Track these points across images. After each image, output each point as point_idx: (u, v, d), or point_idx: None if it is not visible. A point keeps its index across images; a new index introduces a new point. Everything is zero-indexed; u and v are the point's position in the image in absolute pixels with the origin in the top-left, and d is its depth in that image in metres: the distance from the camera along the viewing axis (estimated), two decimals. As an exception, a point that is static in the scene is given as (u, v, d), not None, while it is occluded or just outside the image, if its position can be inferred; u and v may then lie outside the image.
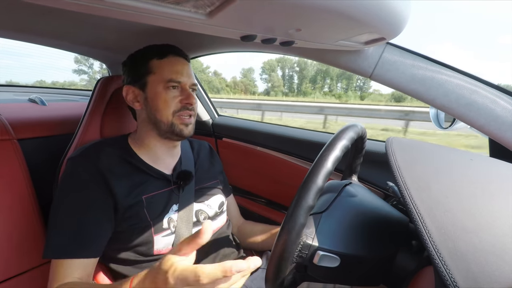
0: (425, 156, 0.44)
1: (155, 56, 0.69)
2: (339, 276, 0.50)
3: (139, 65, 0.70)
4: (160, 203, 0.69)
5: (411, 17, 0.44)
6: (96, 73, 34.67)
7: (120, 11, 0.30)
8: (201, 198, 0.77)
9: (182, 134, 0.70)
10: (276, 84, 68.07)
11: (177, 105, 0.68)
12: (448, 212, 0.32)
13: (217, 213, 0.79)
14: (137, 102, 0.71)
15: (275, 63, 69.95)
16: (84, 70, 44.73)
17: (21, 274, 0.71)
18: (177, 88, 0.69)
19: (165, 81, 0.67)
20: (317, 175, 0.42)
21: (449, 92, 0.53)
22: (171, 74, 0.68)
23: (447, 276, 0.28)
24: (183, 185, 0.74)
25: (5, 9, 0.62)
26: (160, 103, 0.68)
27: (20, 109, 1.01)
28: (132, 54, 0.74)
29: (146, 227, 0.65)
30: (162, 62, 0.69)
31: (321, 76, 68.86)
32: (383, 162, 0.82)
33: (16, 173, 0.72)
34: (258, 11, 0.33)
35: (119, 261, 0.66)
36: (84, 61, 38.53)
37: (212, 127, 1.27)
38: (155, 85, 0.68)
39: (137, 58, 0.71)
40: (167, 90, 0.68)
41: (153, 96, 0.68)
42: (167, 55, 0.69)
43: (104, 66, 1.20)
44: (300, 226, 0.41)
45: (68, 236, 0.59)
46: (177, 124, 0.69)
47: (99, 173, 0.63)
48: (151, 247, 0.65)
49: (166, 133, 0.70)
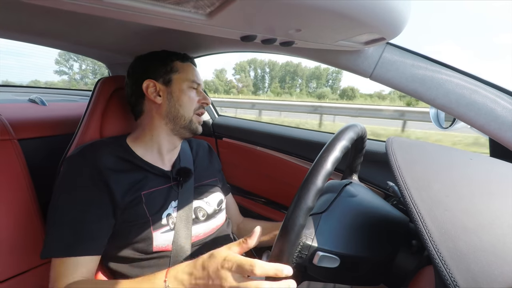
0: (425, 156, 0.44)
1: (178, 58, 0.76)
2: (339, 276, 0.50)
3: (164, 63, 0.75)
4: (159, 200, 0.69)
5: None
6: (75, 74, 35.15)
7: (120, 12, 0.30)
8: (200, 196, 0.78)
9: (197, 131, 0.77)
10: (245, 84, 75.30)
11: (196, 104, 0.76)
12: (448, 212, 0.32)
13: (215, 211, 0.79)
14: (159, 96, 0.74)
15: (246, 64, 78.07)
16: (64, 71, 45.21)
17: (21, 274, 0.71)
18: (195, 90, 0.77)
19: (190, 81, 0.75)
20: (317, 176, 0.42)
21: (449, 92, 0.53)
22: (194, 76, 0.76)
23: (447, 276, 0.28)
24: (183, 181, 0.75)
25: (5, 9, 0.62)
26: (185, 99, 0.74)
27: (20, 109, 1.01)
28: (152, 52, 0.78)
29: (145, 224, 0.65)
30: (185, 65, 0.76)
31: (290, 76, 76.48)
32: (383, 162, 0.83)
33: (16, 173, 0.72)
34: (258, 12, 0.33)
35: (118, 259, 0.66)
36: (64, 62, 38.79)
37: (212, 127, 1.27)
38: (180, 82, 0.74)
39: (161, 56, 0.76)
40: (190, 89, 0.75)
41: (179, 92, 0.74)
42: (188, 60, 0.78)
43: (84, 67, 1.20)
44: (300, 227, 0.41)
45: (67, 234, 0.59)
46: (195, 121, 0.76)
47: (97, 171, 0.64)
48: (150, 244, 0.65)
49: (182, 128, 0.75)
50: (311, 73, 78.36)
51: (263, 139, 1.10)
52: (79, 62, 35.63)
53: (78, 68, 34.95)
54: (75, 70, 37.11)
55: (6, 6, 0.61)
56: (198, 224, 0.73)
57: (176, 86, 0.74)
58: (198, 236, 0.72)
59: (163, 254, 0.66)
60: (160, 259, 0.66)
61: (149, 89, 0.73)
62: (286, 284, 0.42)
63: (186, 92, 0.74)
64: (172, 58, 0.76)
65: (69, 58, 34.21)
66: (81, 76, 33.55)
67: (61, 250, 0.59)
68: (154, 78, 0.74)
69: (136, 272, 0.65)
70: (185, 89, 0.74)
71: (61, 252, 0.59)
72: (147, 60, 0.76)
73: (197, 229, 0.73)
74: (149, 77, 0.74)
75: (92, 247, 0.60)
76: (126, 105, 0.82)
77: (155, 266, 0.66)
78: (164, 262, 0.66)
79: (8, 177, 0.71)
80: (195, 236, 0.71)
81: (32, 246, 0.73)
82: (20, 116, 0.92)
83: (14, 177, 0.72)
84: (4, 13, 0.65)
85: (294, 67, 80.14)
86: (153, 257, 0.66)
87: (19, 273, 0.70)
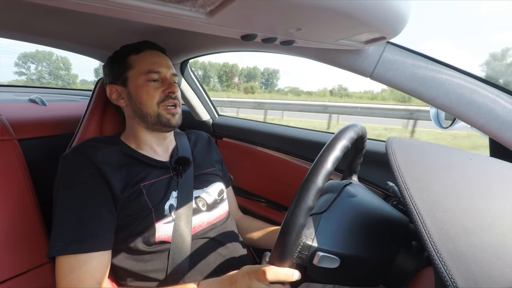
0: (425, 156, 0.44)
1: (132, 52, 0.72)
2: (339, 277, 0.50)
3: (118, 63, 0.72)
4: (160, 190, 0.69)
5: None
6: (32, 74, 37.12)
7: (120, 11, 0.30)
8: (200, 185, 0.77)
9: (170, 124, 0.72)
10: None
11: (160, 96, 0.70)
12: (448, 212, 0.32)
13: (216, 201, 0.78)
14: (122, 99, 0.73)
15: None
16: (23, 72, 46.91)
17: (21, 274, 0.71)
18: (157, 81, 0.71)
19: (144, 73, 0.70)
20: (317, 176, 0.42)
21: (450, 91, 0.53)
22: (150, 65, 0.70)
23: (447, 277, 0.28)
24: (182, 170, 0.74)
25: (5, 9, 0.62)
26: (143, 96, 0.70)
27: (20, 109, 1.01)
28: (110, 55, 0.76)
29: (148, 215, 0.65)
30: (140, 56, 0.71)
31: (226, 76, 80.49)
32: (383, 162, 0.82)
33: (16, 173, 0.72)
34: (259, 10, 0.33)
35: (121, 253, 0.66)
36: (22, 64, 40.73)
37: (212, 127, 1.27)
38: (135, 78, 0.70)
39: (115, 57, 0.74)
40: (148, 82, 0.70)
41: (136, 89, 0.70)
42: (143, 49, 0.72)
43: (40, 68, 1.21)
44: (300, 226, 0.41)
45: (69, 231, 0.59)
46: (164, 114, 0.71)
47: (94, 166, 0.64)
48: (152, 235, 0.65)
49: (154, 125, 0.72)
50: (247, 73, 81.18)
51: (263, 139, 1.10)
52: (36, 64, 38.00)
53: (35, 70, 37.30)
54: (32, 71, 39.21)
55: (6, 5, 0.61)
56: (199, 214, 0.73)
57: (132, 83, 0.70)
58: (201, 226, 0.72)
59: (165, 247, 0.66)
60: (162, 252, 0.66)
61: (112, 95, 0.73)
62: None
63: (143, 88, 0.69)
64: (125, 54, 0.72)
65: (27, 60, 36.60)
66: (37, 77, 35.87)
67: (65, 248, 0.58)
68: (113, 82, 0.73)
69: (139, 267, 0.65)
70: (141, 84, 0.70)
71: (63, 250, 0.58)
72: (107, 64, 0.76)
73: (199, 219, 0.72)
74: (110, 81, 0.74)
75: (97, 242, 0.60)
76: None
77: (157, 259, 0.66)
78: (166, 254, 0.66)
79: (8, 177, 0.71)
80: (197, 226, 0.71)
81: (32, 246, 0.73)
82: (20, 116, 0.92)
83: (14, 177, 0.72)
84: (5, 12, 0.65)
85: (230, 67, 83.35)
86: (155, 250, 0.66)
87: (18, 273, 0.70)
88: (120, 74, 0.72)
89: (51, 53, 39.13)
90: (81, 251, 0.58)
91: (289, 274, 0.44)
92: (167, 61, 0.74)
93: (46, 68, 40.26)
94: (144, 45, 0.73)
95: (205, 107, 1.25)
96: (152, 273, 0.65)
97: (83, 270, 0.58)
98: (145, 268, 0.65)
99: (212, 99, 1.26)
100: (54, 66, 38.98)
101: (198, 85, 1.20)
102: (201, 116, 1.25)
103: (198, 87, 1.20)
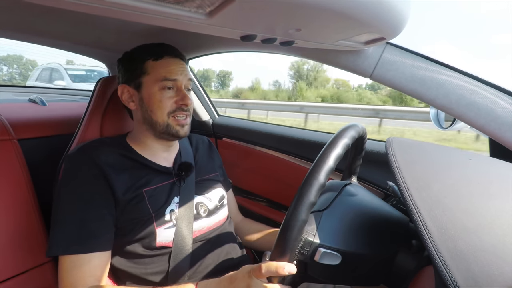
0: (425, 156, 0.44)
1: (151, 57, 0.69)
2: (340, 276, 0.50)
3: (135, 65, 0.70)
4: (162, 196, 0.69)
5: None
6: (4, 75, 38.83)
7: (120, 11, 0.30)
8: (202, 191, 0.77)
9: (178, 135, 0.71)
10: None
11: (172, 106, 0.68)
12: (448, 212, 0.32)
13: (217, 207, 0.78)
14: (132, 102, 0.72)
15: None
16: None
17: (21, 274, 0.71)
18: (172, 89, 0.69)
19: (159, 80, 0.67)
20: (319, 172, 0.42)
21: (449, 92, 0.53)
22: (166, 73, 0.68)
23: (447, 276, 0.28)
24: (184, 176, 0.74)
25: (5, 9, 0.62)
26: (155, 104, 0.68)
27: (20, 109, 1.01)
28: (127, 52, 0.73)
29: (148, 220, 0.65)
30: (158, 63, 0.69)
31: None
32: (383, 162, 0.82)
33: (16, 173, 0.72)
34: (258, 11, 0.33)
35: (121, 256, 0.66)
36: None
37: (212, 127, 1.27)
38: (150, 85, 0.68)
39: (133, 57, 0.71)
40: (162, 91, 0.68)
41: (148, 97, 0.68)
42: (163, 56, 0.69)
43: (9, 70, 1.21)
44: (302, 222, 0.41)
45: (71, 231, 0.59)
46: (173, 125, 0.69)
47: (97, 168, 0.64)
48: (153, 240, 0.65)
49: (162, 133, 0.71)
50: (201, 74, 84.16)
51: (263, 139, 1.10)
52: (7, 66, 40.07)
53: (7, 71, 39.07)
54: (4, 72, 40.62)
55: (6, 6, 0.61)
56: (200, 220, 0.73)
57: (146, 90, 0.68)
58: (200, 231, 0.72)
59: (166, 251, 0.66)
60: (163, 256, 0.66)
61: (123, 95, 0.72)
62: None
63: (155, 96, 0.67)
64: (144, 57, 0.69)
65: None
66: (9, 78, 37.65)
67: (67, 248, 0.59)
68: (126, 82, 0.71)
69: (139, 270, 0.65)
70: (155, 92, 0.67)
71: (63, 249, 0.59)
72: (121, 63, 0.74)
73: (199, 225, 0.72)
74: (123, 81, 0.72)
75: (99, 243, 0.60)
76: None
77: (158, 262, 0.66)
78: (167, 258, 0.66)
79: (8, 177, 0.71)
80: (197, 231, 0.71)
81: (32, 246, 0.73)
82: (20, 116, 0.92)
83: (14, 177, 0.72)
84: (5, 13, 0.65)
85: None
86: (156, 254, 0.66)
87: (18, 273, 0.70)
88: (135, 77, 0.70)
89: (21, 57, 40.83)
90: (83, 251, 0.59)
91: (280, 265, 0.43)
92: (184, 68, 0.72)
93: (17, 70, 41.80)
94: (164, 51, 0.70)
95: (205, 107, 1.25)
96: (151, 276, 0.66)
97: (84, 268, 0.58)
98: (145, 271, 0.65)
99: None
100: (23, 68, 40.40)
101: (198, 85, 1.20)
102: (201, 116, 1.25)
103: (198, 87, 1.20)
